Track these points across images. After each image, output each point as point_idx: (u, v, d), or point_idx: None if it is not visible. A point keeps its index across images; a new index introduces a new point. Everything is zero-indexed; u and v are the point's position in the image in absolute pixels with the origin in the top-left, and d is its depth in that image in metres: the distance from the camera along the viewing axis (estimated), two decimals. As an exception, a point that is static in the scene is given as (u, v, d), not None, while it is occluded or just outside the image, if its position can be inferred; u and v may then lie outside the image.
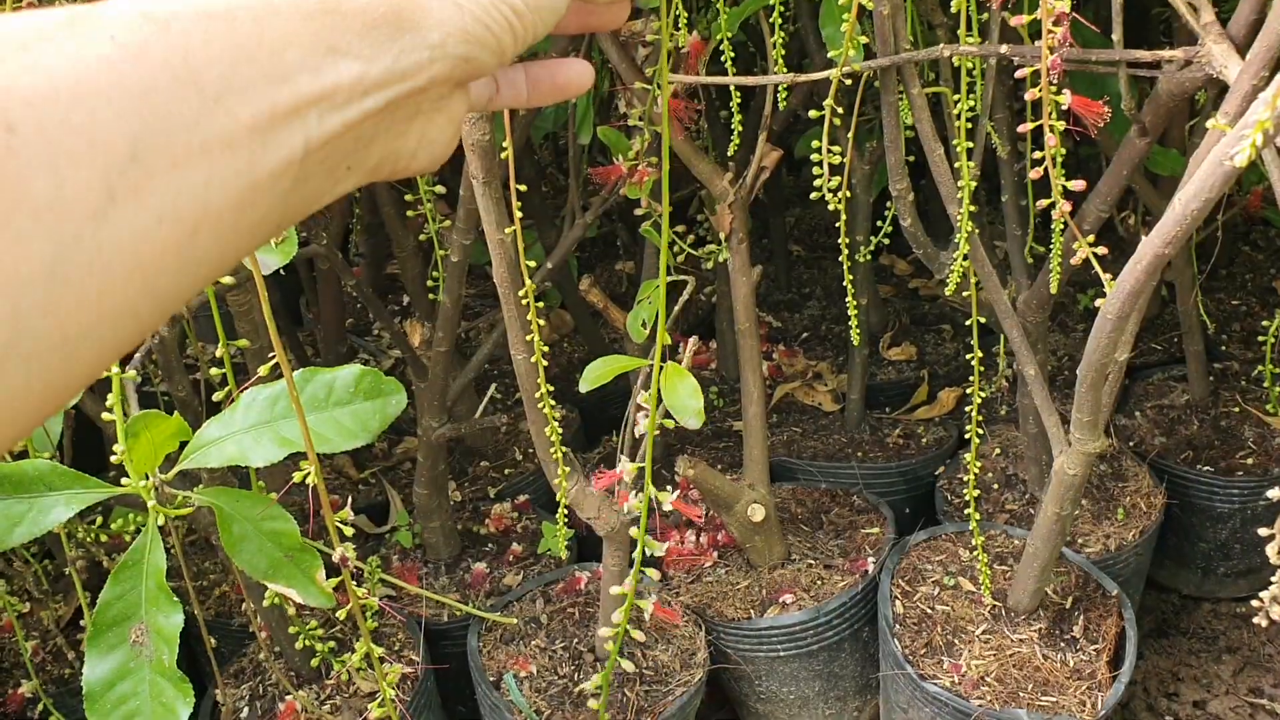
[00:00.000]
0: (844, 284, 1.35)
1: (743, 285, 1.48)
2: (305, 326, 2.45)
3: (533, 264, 1.15)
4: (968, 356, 1.27)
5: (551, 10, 0.47)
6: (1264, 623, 0.79)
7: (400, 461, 1.95)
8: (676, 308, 1.46)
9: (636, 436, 1.12)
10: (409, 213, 1.55)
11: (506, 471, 1.89)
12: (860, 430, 1.87)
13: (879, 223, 1.65)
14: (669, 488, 0.97)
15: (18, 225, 0.31)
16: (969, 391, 1.30)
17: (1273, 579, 0.79)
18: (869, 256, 1.70)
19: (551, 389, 1.20)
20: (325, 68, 0.39)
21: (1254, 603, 0.83)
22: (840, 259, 1.30)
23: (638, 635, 1.19)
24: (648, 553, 1.05)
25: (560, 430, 1.19)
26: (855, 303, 1.41)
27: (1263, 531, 0.78)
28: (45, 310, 0.32)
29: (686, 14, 1.27)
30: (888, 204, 1.42)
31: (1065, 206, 1.11)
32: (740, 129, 1.38)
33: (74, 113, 0.32)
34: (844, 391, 1.94)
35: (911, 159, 1.26)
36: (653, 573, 1.11)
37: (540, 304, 1.17)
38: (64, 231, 0.32)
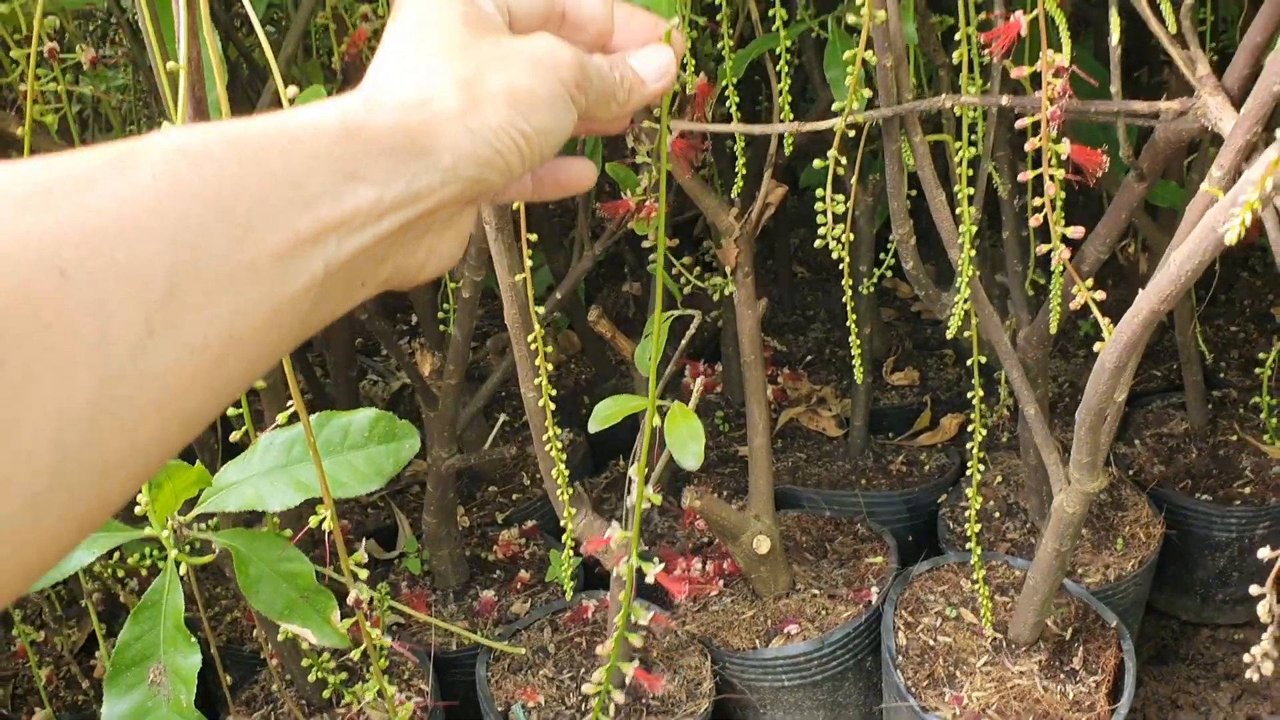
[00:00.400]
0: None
1: (748, 318, 1.51)
2: (314, 348, 2.47)
3: (541, 308, 1.18)
4: (969, 395, 1.30)
5: (559, 134, 0.49)
6: (1255, 677, 0.81)
7: (409, 485, 1.97)
8: (683, 341, 1.48)
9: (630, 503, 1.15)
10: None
11: (514, 497, 1.91)
12: (864, 457, 1.89)
13: (881, 255, 1.67)
14: (655, 560, 0.98)
15: (67, 364, 0.33)
16: (971, 429, 1.32)
17: (1263, 635, 0.81)
18: (872, 289, 1.72)
19: (556, 412, 1.22)
20: (345, 194, 0.41)
21: (1246, 657, 0.85)
22: (844, 283, 1.32)
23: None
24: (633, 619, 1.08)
25: (568, 471, 1.21)
26: (858, 331, 1.42)
27: (1254, 590, 0.80)
28: (88, 444, 0.33)
29: (694, 60, 1.29)
30: (890, 237, 1.44)
31: (1065, 253, 1.14)
32: (745, 163, 1.40)
33: (119, 251, 0.34)
34: (848, 416, 1.97)
35: (913, 193, 1.28)
36: (639, 611, 1.13)
37: (545, 334, 1.19)
38: (108, 368, 0.34)
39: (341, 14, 1.41)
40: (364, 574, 1.03)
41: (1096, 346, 1.07)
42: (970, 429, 1.32)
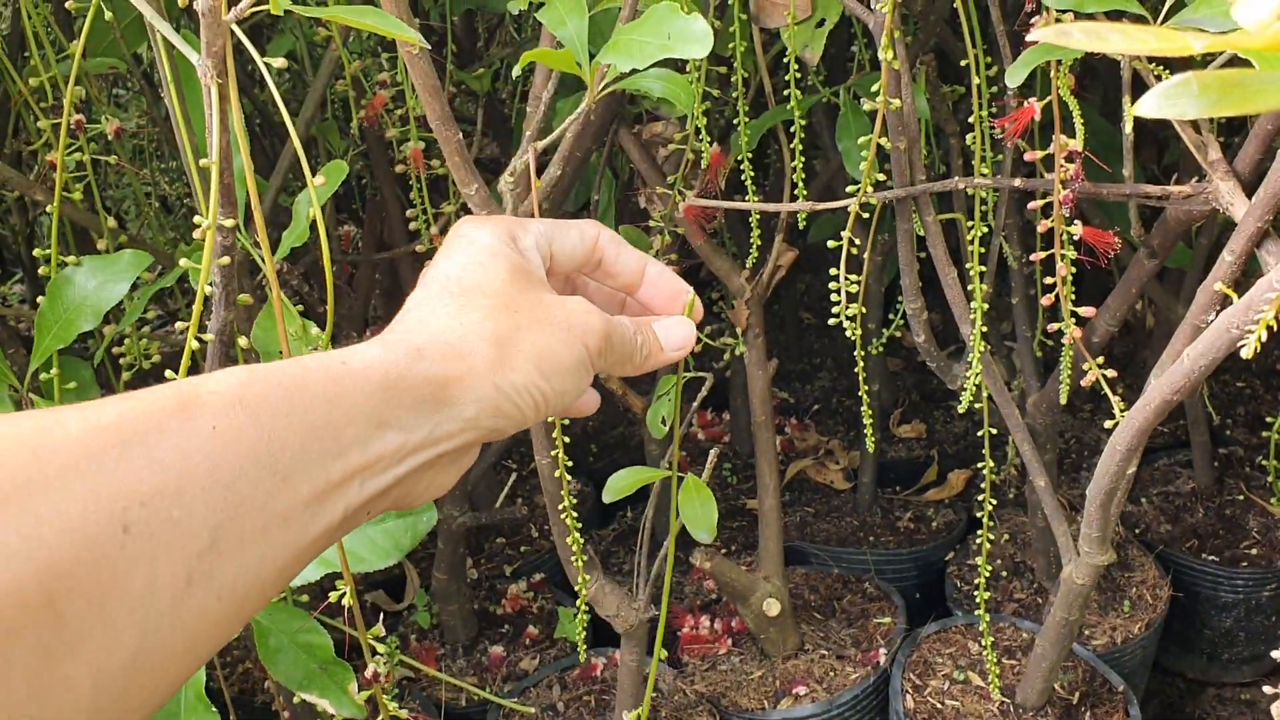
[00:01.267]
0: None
1: (759, 379, 1.52)
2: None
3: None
4: (979, 465, 1.31)
5: (575, 394, 0.51)
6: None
7: (417, 534, 1.98)
8: (695, 404, 1.49)
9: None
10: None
11: (523, 549, 1.92)
12: (871, 513, 1.90)
13: (890, 315, 1.68)
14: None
15: (114, 618, 0.34)
16: (981, 498, 1.33)
17: (1277, 734, 0.82)
18: (881, 349, 1.74)
19: (569, 463, 1.23)
20: (374, 440, 0.43)
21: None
22: (856, 354, 1.33)
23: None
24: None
25: (581, 540, 1.22)
26: (867, 388, 1.43)
27: (1267, 690, 0.81)
28: (122, 695, 0.35)
29: (709, 135, 1.31)
30: (899, 297, 1.46)
31: (1076, 332, 1.15)
32: (759, 233, 1.41)
33: (175, 507, 0.36)
34: (855, 469, 1.98)
35: (922, 255, 1.28)
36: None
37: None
38: (149, 620, 0.35)
39: (360, 78, 1.43)
40: (382, 649, 1.04)
41: (1108, 424, 1.08)
42: (980, 498, 1.33)
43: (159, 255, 1.38)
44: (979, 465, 1.31)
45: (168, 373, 1.01)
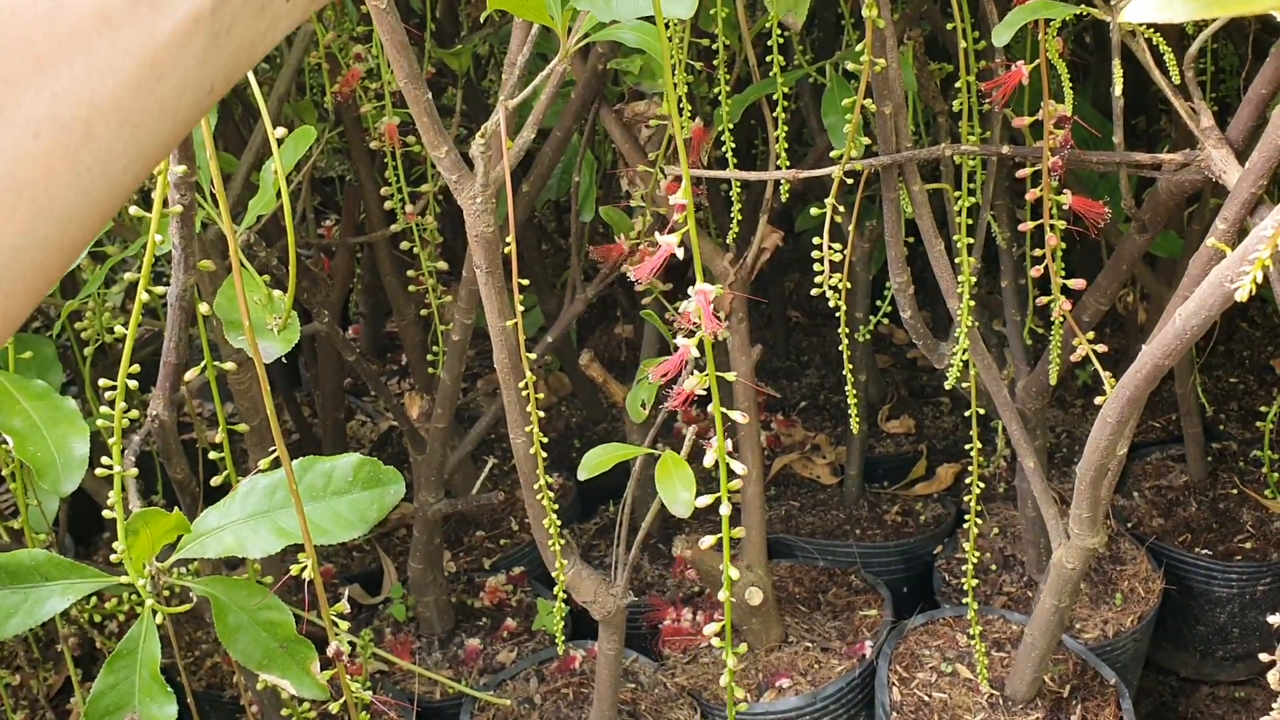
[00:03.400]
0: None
1: (742, 365, 1.49)
2: (303, 387, 2.45)
3: (533, 354, 1.15)
4: (967, 446, 1.27)
5: None
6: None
7: (395, 529, 1.94)
8: (676, 388, 1.46)
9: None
10: (410, 288, 1.55)
11: (502, 542, 1.88)
12: (858, 506, 1.87)
13: (878, 302, 1.65)
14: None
15: None
16: (969, 481, 1.29)
17: (1274, 705, 0.79)
18: (868, 336, 1.70)
19: (546, 457, 1.19)
20: None
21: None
22: (840, 326, 1.30)
23: None
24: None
25: (557, 515, 1.18)
26: (854, 379, 1.40)
27: (1264, 657, 0.77)
28: None
29: (689, 104, 1.28)
30: (887, 284, 1.42)
31: (1065, 305, 1.12)
32: (740, 207, 1.38)
33: None
34: (842, 464, 1.94)
35: (910, 240, 1.25)
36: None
37: (536, 376, 1.17)
38: None
39: (335, 53, 1.39)
40: (345, 625, 1.00)
41: (1098, 400, 1.05)
42: (968, 481, 1.29)
43: (122, 229, 1.34)
44: (968, 448, 1.28)
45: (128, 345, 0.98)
